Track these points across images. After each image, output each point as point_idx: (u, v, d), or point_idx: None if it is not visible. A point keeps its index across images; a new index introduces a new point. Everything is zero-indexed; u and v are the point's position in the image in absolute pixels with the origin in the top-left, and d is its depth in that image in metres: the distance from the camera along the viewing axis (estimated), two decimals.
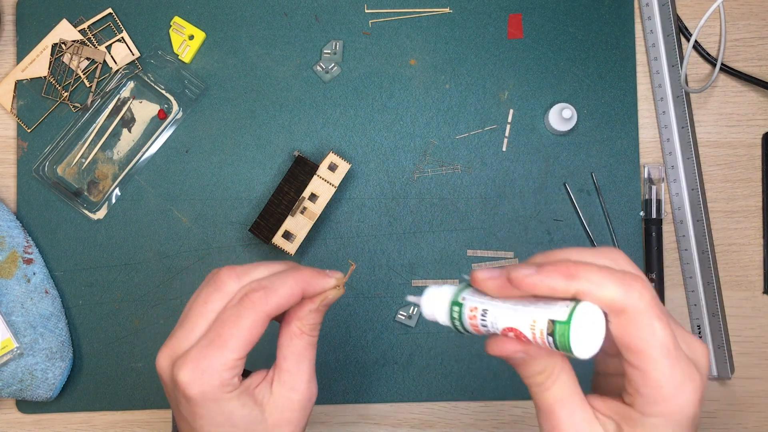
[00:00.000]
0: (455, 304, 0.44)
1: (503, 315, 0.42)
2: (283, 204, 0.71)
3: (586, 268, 0.40)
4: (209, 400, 0.47)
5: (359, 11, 0.77)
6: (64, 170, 0.76)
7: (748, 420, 0.76)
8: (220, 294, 0.49)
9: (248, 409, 0.49)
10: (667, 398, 0.40)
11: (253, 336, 0.47)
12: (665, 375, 0.40)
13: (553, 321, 0.40)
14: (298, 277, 0.49)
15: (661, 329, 0.39)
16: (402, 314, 0.76)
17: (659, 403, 0.40)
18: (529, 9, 0.78)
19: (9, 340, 0.71)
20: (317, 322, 0.50)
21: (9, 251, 0.73)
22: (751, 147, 0.78)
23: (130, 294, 0.76)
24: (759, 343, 0.77)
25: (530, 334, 0.41)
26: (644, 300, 0.40)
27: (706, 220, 0.76)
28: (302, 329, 0.50)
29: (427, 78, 0.77)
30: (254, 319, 0.47)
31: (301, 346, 0.50)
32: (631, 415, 0.42)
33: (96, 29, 0.77)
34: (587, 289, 0.40)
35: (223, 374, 0.47)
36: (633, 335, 0.40)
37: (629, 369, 0.41)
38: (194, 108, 0.77)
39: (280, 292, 0.48)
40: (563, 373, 0.43)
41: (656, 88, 0.78)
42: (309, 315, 0.50)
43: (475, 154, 0.77)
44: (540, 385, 0.44)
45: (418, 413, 0.76)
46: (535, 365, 0.43)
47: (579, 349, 0.40)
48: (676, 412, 0.40)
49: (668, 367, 0.40)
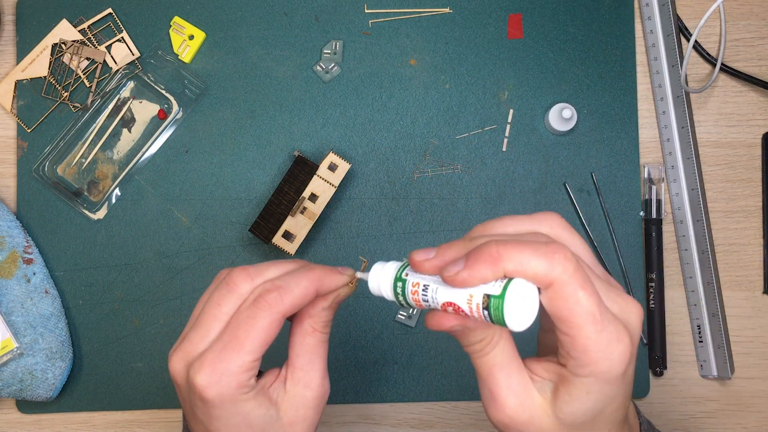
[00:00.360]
0: (398, 280, 0.46)
1: (442, 291, 0.44)
2: (283, 204, 0.71)
3: (510, 249, 0.42)
4: (227, 402, 0.47)
5: (359, 11, 0.77)
6: (64, 170, 0.76)
7: (748, 420, 0.76)
8: (234, 295, 0.49)
9: (264, 408, 0.49)
10: (595, 361, 0.42)
11: (269, 336, 0.47)
12: (591, 340, 0.42)
13: (488, 296, 0.42)
14: (312, 276, 0.49)
15: (586, 298, 0.41)
16: (402, 314, 0.76)
17: (588, 365, 0.42)
18: (529, 9, 0.78)
19: (9, 340, 0.71)
20: (329, 319, 0.50)
21: (9, 251, 0.73)
22: (751, 147, 0.78)
23: (130, 294, 0.76)
24: (759, 343, 0.77)
25: (467, 309, 0.43)
26: (567, 272, 0.41)
27: (706, 220, 0.76)
28: (314, 327, 0.50)
29: (427, 78, 0.77)
30: (270, 320, 0.47)
31: (314, 343, 0.50)
32: (566, 376, 0.44)
33: (96, 29, 0.77)
34: (514, 268, 0.42)
35: (241, 376, 0.47)
36: (560, 306, 0.42)
37: (560, 335, 0.43)
38: (194, 108, 0.77)
39: (295, 291, 0.48)
40: (502, 340, 0.45)
41: (656, 88, 0.78)
42: (321, 312, 0.50)
43: (475, 154, 0.77)
44: (479, 351, 0.46)
45: (418, 413, 0.76)
46: (473, 335, 0.45)
47: (512, 323, 0.41)
48: (605, 371, 0.42)
49: (594, 332, 0.42)
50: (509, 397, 0.45)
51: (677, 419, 0.76)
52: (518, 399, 0.45)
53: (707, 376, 0.76)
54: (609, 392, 0.44)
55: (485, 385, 0.46)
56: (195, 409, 0.49)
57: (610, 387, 0.43)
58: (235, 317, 0.48)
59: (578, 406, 0.44)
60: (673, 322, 0.77)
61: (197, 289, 0.76)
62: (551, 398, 0.45)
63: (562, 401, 0.44)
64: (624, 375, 0.43)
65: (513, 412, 0.45)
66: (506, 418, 0.45)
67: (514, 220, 0.45)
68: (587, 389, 0.43)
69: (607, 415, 0.45)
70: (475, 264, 0.42)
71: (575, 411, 0.44)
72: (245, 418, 0.48)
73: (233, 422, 0.48)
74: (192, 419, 0.50)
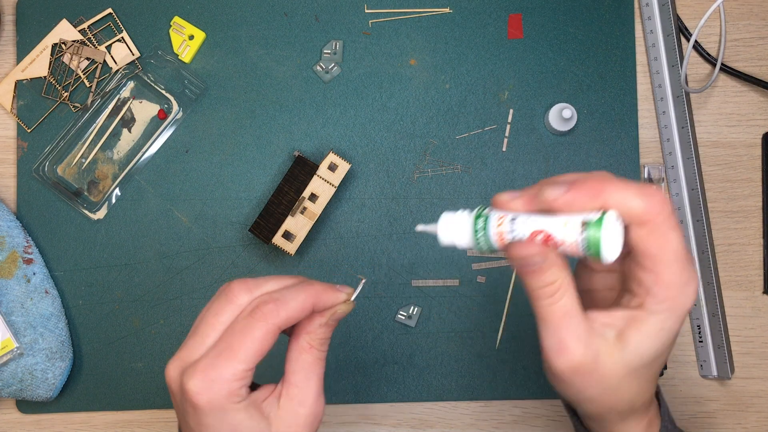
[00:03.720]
0: (479, 217, 0.47)
1: (534, 219, 0.45)
2: (283, 204, 0.71)
3: (614, 184, 0.44)
4: (217, 410, 0.48)
5: (359, 11, 0.78)
6: (64, 170, 0.76)
7: (748, 420, 0.76)
8: (232, 306, 0.50)
9: (255, 421, 0.49)
10: (675, 296, 0.45)
11: (263, 347, 0.48)
12: (676, 276, 0.45)
13: (586, 222, 0.43)
14: (309, 291, 0.49)
15: (677, 238, 0.45)
16: (402, 314, 0.76)
17: (667, 300, 0.45)
18: (529, 9, 0.78)
19: (9, 340, 0.71)
20: (326, 336, 0.51)
21: (9, 251, 0.73)
22: (751, 147, 0.78)
23: (130, 294, 0.76)
24: (759, 343, 0.77)
25: (561, 236, 0.44)
26: (665, 212, 0.44)
27: (706, 220, 0.76)
28: (311, 343, 0.50)
29: (427, 78, 0.77)
30: (265, 330, 0.48)
31: (310, 360, 0.50)
32: (638, 316, 0.46)
33: (96, 29, 0.77)
34: (615, 202, 0.44)
35: (232, 384, 0.47)
36: (652, 243, 0.45)
37: (643, 274, 0.46)
38: (194, 108, 0.77)
39: (291, 304, 0.48)
40: (570, 287, 0.47)
41: (656, 88, 0.78)
42: (318, 329, 0.50)
43: (475, 154, 0.77)
44: (549, 297, 0.46)
45: (418, 413, 0.76)
46: (547, 275, 0.46)
47: (607, 249, 0.43)
48: (680, 306, 0.46)
49: (678, 270, 0.45)
50: (578, 345, 0.46)
51: (677, 419, 0.76)
52: (586, 346, 0.46)
53: (707, 376, 0.76)
54: (675, 329, 0.47)
55: (554, 333, 0.46)
56: (187, 416, 0.49)
57: (678, 324, 0.46)
58: (230, 327, 0.49)
59: (649, 344, 0.46)
60: None
61: (197, 289, 0.76)
62: (615, 343, 0.47)
63: (633, 342, 0.46)
64: (684, 320, 0.47)
65: (582, 358, 0.46)
66: (574, 365, 0.46)
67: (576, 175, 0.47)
68: (661, 325, 0.46)
69: (662, 359, 0.48)
70: (578, 191, 0.44)
71: (645, 350, 0.46)
72: (235, 429, 0.48)
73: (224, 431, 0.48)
74: (185, 428, 0.50)
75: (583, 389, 0.48)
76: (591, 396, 0.48)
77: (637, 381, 0.48)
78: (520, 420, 0.76)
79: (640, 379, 0.48)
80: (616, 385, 0.47)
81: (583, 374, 0.46)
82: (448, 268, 0.76)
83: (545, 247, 0.45)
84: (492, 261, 0.76)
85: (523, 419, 0.76)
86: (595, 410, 0.50)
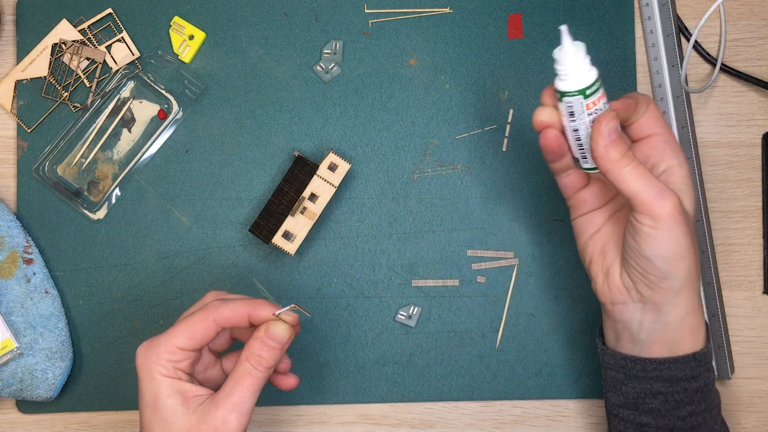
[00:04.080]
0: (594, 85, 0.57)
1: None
2: (283, 204, 0.71)
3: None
4: (146, 375, 0.57)
5: (359, 11, 0.78)
6: (64, 170, 0.76)
7: (748, 420, 0.76)
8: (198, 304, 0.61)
9: (173, 400, 0.57)
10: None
11: (199, 334, 0.57)
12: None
13: None
14: (249, 302, 0.59)
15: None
16: (402, 314, 0.76)
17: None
18: (529, 9, 0.78)
19: (9, 340, 0.71)
20: (262, 355, 0.57)
21: (9, 251, 0.73)
22: (751, 147, 0.78)
23: (130, 294, 0.76)
24: (759, 343, 0.77)
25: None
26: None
27: (706, 220, 0.76)
28: (248, 357, 0.57)
29: (427, 78, 0.77)
30: (204, 320, 0.58)
31: (242, 371, 0.57)
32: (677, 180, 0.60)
33: (96, 29, 0.77)
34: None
35: (162, 355, 0.57)
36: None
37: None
38: (194, 108, 0.77)
39: (230, 305, 0.58)
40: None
41: (656, 88, 0.78)
42: (255, 343, 0.57)
43: (475, 154, 0.77)
44: (632, 160, 0.56)
45: (418, 413, 0.76)
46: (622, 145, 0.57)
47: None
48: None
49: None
50: (671, 192, 0.56)
51: None
52: (673, 194, 0.56)
53: None
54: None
55: (651, 184, 0.56)
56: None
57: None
58: (182, 315, 0.60)
59: (689, 197, 0.59)
60: None
61: (197, 289, 0.76)
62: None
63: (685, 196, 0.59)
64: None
65: (678, 201, 0.56)
66: (677, 205, 0.56)
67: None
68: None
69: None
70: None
71: (689, 201, 0.59)
72: (155, 399, 0.57)
73: (147, 399, 0.57)
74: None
75: (672, 239, 0.56)
76: (671, 252, 0.56)
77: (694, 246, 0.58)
78: (520, 420, 0.76)
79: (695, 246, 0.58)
80: (686, 240, 0.56)
81: (679, 222, 0.56)
82: (448, 268, 0.76)
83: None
84: (492, 261, 0.76)
85: (523, 419, 0.76)
86: (664, 270, 0.57)
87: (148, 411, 0.57)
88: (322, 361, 0.75)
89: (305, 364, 0.75)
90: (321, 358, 0.75)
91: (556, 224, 0.77)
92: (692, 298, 0.59)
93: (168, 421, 0.57)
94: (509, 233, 0.76)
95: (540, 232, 0.76)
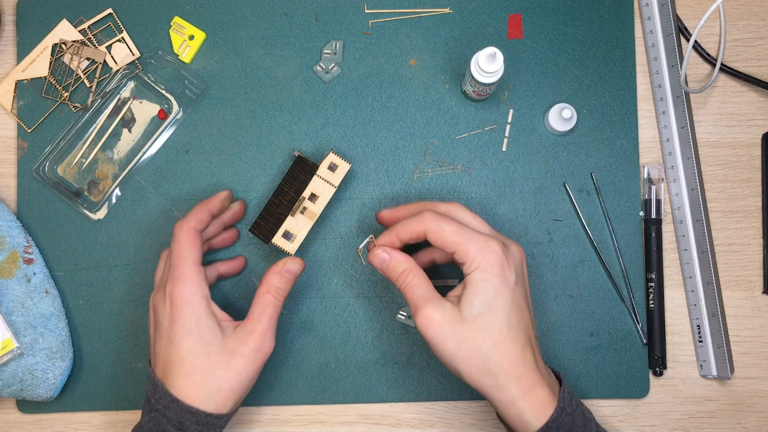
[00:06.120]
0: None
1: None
2: (283, 204, 0.71)
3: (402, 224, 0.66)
4: (184, 301, 0.63)
5: (359, 11, 0.78)
6: (64, 170, 0.76)
7: (748, 420, 0.76)
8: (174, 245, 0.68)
9: (212, 322, 0.64)
10: (474, 258, 0.62)
11: (192, 244, 0.66)
12: (462, 246, 0.62)
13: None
14: (205, 201, 0.70)
15: (448, 226, 0.63)
16: (402, 314, 0.76)
17: (472, 262, 0.62)
18: (529, 9, 0.78)
19: (9, 340, 0.71)
20: (279, 286, 0.66)
21: (9, 251, 0.73)
22: (751, 147, 0.78)
23: (130, 294, 0.76)
24: (759, 343, 0.77)
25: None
26: (429, 219, 0.64)
27: (706, 220, 0.76)
28: (267, 289, 0.66)
29: (427, 78, 0.77)
30: (185, 233, 0.66)
31: (264, 302, 0.65)
32: (465, 281, 0.63)
33: (96, 29, 0.77)
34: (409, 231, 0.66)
35: (194, 277, 0.64)
36: (437, 240, 0.64)
37: (454, 258, 0.64)
38: (194, 108, 0.77)
39: (195, 210, 0.68)
40: (417, 270, 0.65)
41: (656, 88, 0.78)
42: (273, 276, 0.66)
43: (475, 154, 0.77)
44: (404, 280, 0.64)
45: (418, 413, 0.76)
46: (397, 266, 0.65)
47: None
48: (484, 263, 0.62)
49: (464, 241, 0.62)
50: (434, 311, 0.62)
51: (677, 419, 0.76)
52: (441, 311, 0.62)
53: (707, 376, 0.76)
54: (494, 284, 0.61)
55: (415, 307, 0.63)
56: (163, 320, 0.64)
57: (493, 278, 0.62)
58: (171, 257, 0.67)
59: (473, 297, 0.62)
60: (672, 322, 0.77)
61: None
62: (456, 303, 0.63)
63: (464, 298, 0.62)
64: (502, 274, 0.62)
65: (441, 317, 0.62)
66: (435, 324, 0.62)
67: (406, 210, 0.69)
68: (476, 278, 0.62)
69: (499, 311, 0.61)
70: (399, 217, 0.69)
71: (472, 301, 0.62)
72: (197, 322, 0.63)
73: (189, 325, 0.63)
74: (157, 341, 0.65)
75: (446, 346, 0.61)
76: (452, 351, 0.61)
77: (483, 333, 0.61)
78: None
79: (486, 331, 0.61)
80: (464, 335, 0.61)
81: (444, 335, 0.61)
82: (448, 268, 0.76)
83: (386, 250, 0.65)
84: None
85: None
86: (467, 371, 0.61)
87: (188, 337, 0.63)
88: (322, 361, 0.75)
89: (305, 364, 0.75)
90: (321, 358, 0.75)
91: (556, 224, 0.77)
92: (512, 382, 0.61)
93: (211, 344, 0.63)
94: (509, 233, 0.76)
95: (540, 232, 0.76)
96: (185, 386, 0.62)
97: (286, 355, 0.75)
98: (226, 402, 0.63)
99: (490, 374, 0.61)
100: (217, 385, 0.63)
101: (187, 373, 0.62)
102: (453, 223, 0.63)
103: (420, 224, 0.64)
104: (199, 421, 0.62)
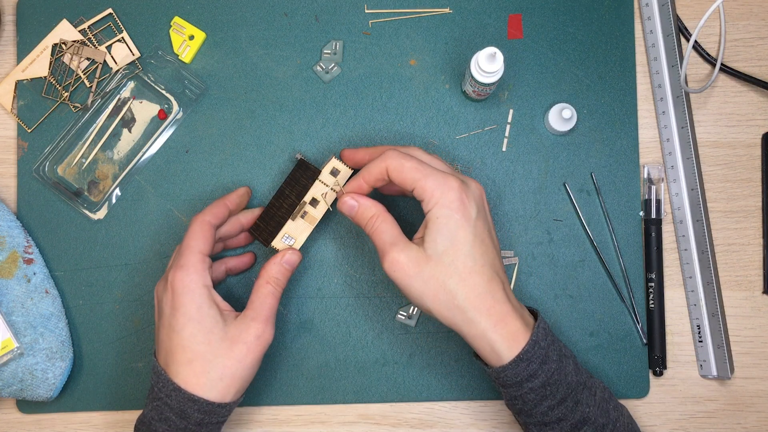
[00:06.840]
0: None
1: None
2: (284, 207, 0.71)
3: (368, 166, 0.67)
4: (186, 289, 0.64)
5: (359, 11, 0.78)
6: (64, 170, 0.76)
7: (748, 420, 0.76)
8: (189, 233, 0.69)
9: (214, 311, 0.65)
10: (432, 194, 0.62)
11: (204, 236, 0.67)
12: (421, 183, 0.63)
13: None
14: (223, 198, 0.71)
15: (408, 163, 0.64)
16: (402, 314, 0.76)
17: (431, 198, 0.63)
18: (529, 9, 0.78)
19: (9, 340, 0.71)
20: (279, 276, 0.67)
21: (9, 251, 0.73)
22: (751, 147, 0.78)
23: (130, 294, 0.76)
24: (759, 343, 0.77)
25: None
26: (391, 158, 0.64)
27: (706, 220, 0.76)
28: (267, 279, 0.67)
29: (427, 78, 0.77)
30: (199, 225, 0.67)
31: (265, 292, 0.67)
32: (426, 220, 0.63)
33: (96, 29, 0.77)
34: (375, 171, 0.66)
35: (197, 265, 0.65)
36: (398, 177, 0.64)
37: (414, 194, 0.64)
38: (194, 108, 0.77)
39: (213, 204, 0.70)
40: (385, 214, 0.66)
41: (656, 88, 0.78)
42: (273, 267, 0.67)
43: (475, 154, 0.77)
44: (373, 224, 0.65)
45: (418, 413, 0.76)
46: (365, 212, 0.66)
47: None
48: (442, 199, 0.62)
49: (422, 178, 0.63)
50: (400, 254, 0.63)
51: (677, 419, 0.76)
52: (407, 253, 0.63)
53: (707, 376, 0.76)
54: (454, 219, 0.62)
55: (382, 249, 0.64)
56: (165, 308, 0.65)
57: (453, 214, 0.62)
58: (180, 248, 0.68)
59: (435, 234, 0.62)
60: (672, 322, 0.77)
61: None
62: (420, 242, 0.63)
63: (427, 236, 0.63)
64: (462, 209, 0.62)
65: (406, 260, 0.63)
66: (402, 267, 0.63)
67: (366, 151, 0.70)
68: (436, 214, 0.62)
69: (462, 246, 0.62)
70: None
71: (435, 238, 0.62)
72: (199, 310, 0.64)
73: (191, 313, 0.64)
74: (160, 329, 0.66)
75: (414, 287, 0.62)
76: (421, 291, 0.62)
77: (449, 269, 0.62)
78: None
79: (450, 267, 0.62)
80: (430, 273, 0.62)
81: (410, 275, 0.62)
82: None
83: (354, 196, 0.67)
84: None
85: None
86: (437, 309, 0.62)
87: (190, 324, 0.64)
88: (322, 361, 0.75)
89: (305, 364, 0.75)
90: (321, 358, 0.76)
91: (556, 224, 0.77)
92: (482, 315, 0.62)
93: (212, 332, 0.64)
94: (509, 233, 0.76)
95: (540, 232, 0.76)
96: (187, 374, 0.63)
97: (286, 355, 0.75)
98: (228, 390, 0.64)
99: (459, 309, 0.62)
100: (219, 372, 0.63)
101: (189, 360, 0.63)
102: (413, 160, 0.64)
103: (383, 162, 0.64)
104: (201, 409, 0.63)
